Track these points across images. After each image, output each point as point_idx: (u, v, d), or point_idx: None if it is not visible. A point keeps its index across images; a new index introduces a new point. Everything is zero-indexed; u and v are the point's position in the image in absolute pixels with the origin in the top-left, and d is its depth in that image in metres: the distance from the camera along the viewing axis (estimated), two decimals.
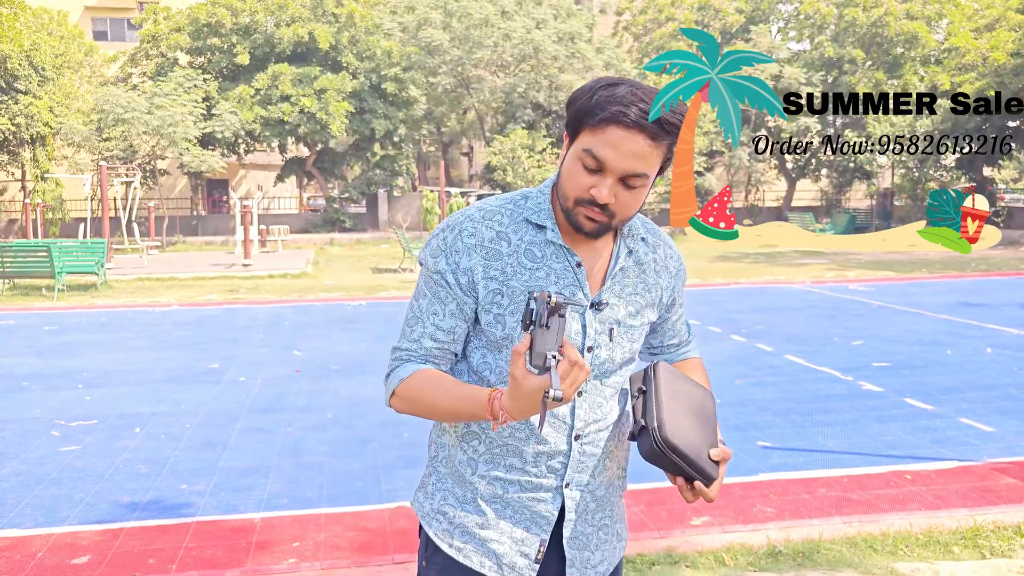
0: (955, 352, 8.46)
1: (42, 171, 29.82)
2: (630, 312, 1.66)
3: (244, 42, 31.72)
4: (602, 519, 1.71)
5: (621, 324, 1.64)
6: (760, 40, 33.98)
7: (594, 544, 1.69)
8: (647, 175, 1.54)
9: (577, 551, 1.67)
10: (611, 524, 1.73)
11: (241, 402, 6.82)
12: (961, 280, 15.77)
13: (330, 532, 4.13)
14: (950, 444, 5.38)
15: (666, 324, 1.81)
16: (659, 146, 1.52)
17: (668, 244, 1.77)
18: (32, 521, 4.31)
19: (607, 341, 1.63)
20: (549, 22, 32.53)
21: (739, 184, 36.62)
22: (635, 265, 1.68)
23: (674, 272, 1.75)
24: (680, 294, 1.79)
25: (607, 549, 1.73)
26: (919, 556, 3.77)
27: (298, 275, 17.86)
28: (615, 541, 1.75)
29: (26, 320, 11.84)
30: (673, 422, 1.55)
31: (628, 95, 1.50)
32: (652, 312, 1.71)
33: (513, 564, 1.64)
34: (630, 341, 1.67)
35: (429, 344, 1.64)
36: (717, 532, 4.05)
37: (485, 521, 1.65)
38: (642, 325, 1.69)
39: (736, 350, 8.71)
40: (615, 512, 1.75)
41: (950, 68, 29.27)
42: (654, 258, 1.72)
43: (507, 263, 1.60)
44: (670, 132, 1.53)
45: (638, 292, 1.68)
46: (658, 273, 1.72)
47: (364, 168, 34.80)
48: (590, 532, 1.68)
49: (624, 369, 1.69)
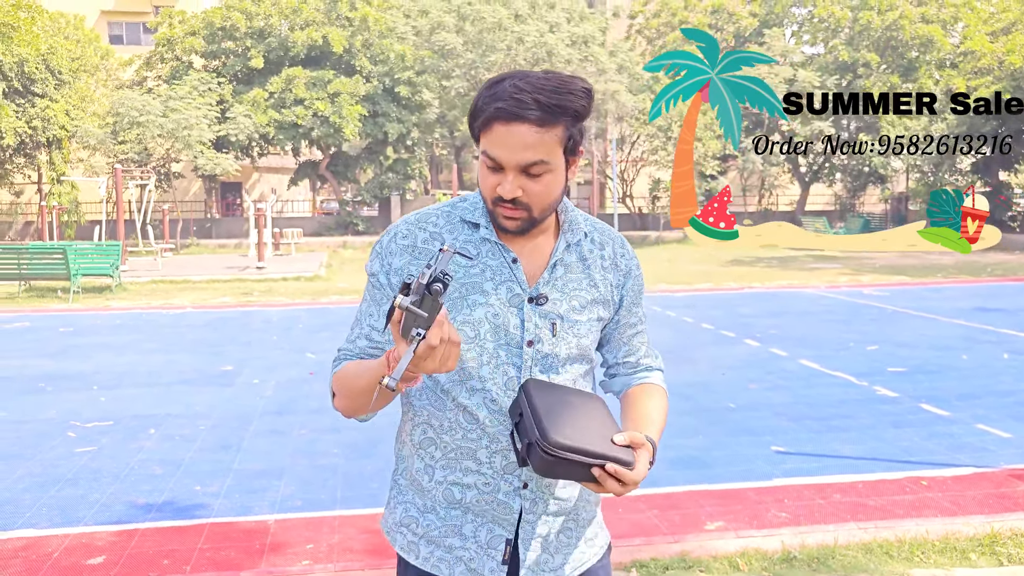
0: (971, 357, 8.40)
1: (58, 174, 30.04)
2: (574, 307, 1.64)
3: (258, 46, 31.88)
4: (565, 522, 1.67)
5: (564, 319, 1.63)
6: (774, 44, 33.87)
7: (554, 547, 1.66)
8: (545, 161, 1.52)
9: (533, 552, 1.64)
10: (575, 528, 1.69)
11: (255, 404, 6.84)
12: (977, 285, 15.67)
13: (343, 534, 4.13)
14: (966, 450, 5.34)
15: (619, 333, 1.76)
16: (549, 130, 1.50)
17: (620, 243, 1.75)
18: (48, 521, 4.34)
19: (549, 336, 1.62)
20: (562, 26, 32.54)
21: (752, 188, 36.53)
22: (578, 260, 1.68)
23: (625, 271, 1.73)
24: (634, 301, 1.75)
25: (571, 552, 1.68)
26: (935, 563, 3.74)
27: (311, 278, 17.91)
28: (584, 546, 1.70)
29: (42, 322, 11.92)
30: (556, 426, 1.48)
31: (507, 89, 1.49)
32: (603, 309, 1.69)
33: (481, 568, 1.63)
34: (576, 336, 1.64)
35: (363, 344, 1.68)
36: (731, 537, 4.03)
37: (448, 528, 1.64)
38: (590, 320, 1.66)
39: (750, 354, 8.68)
40: (582, 516, 1.70)
41: (966, 72, 29.11)
42: (601, 254, 1.71)
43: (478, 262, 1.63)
44: (556, 114, 1.50)
45: (583, 288, 1.66)
46: (605, 269, 1.70)
47: (377, 171, 34.88)
48: (550, 534, 1.65)
49: (574, 366, 1.66)
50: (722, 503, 4.47)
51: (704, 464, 5.12)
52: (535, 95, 1.48)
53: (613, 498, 4.52)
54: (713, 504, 4.45)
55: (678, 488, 4.68)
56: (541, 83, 1.50)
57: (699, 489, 4.68)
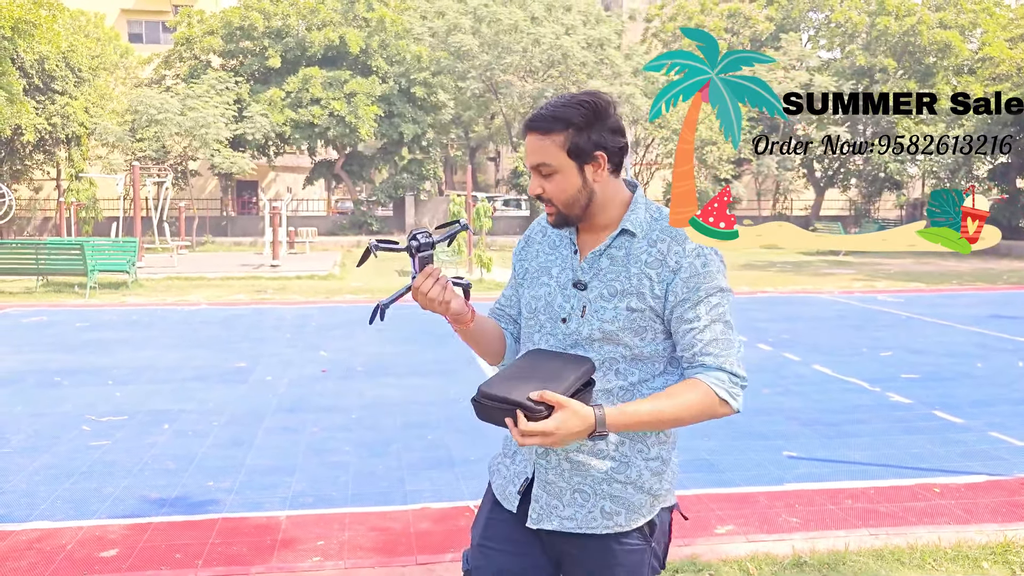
0: (985, 365, 8.35)
1: (76, 170, 30.27)
2: (603, 294, 1.88)
3: (276, 45, 32.03)
4: (580, 483, 1.89)
5: (592, 304, 1.89)
6: (790, 48, 33.75)
7: (567, 500, 1.90)
8: (548, 163, 1.85)
9: (544, 494, 1.92)
10: (592, 494, 1.89)
11: (267, 401, 6.88)
12: (992, 292, 15.56)
13: (354, 531, 4.15)
14: (980, 458, 5.31)
15: (676, 328, 1.88)
16: (550, 137, 1.84)
17: (678, 242, 1.87)
18: (63, 514, 4.38)
19: (578, 316, 1.90)
20: (578, 28, 32.54)
21: (767, 193, 36.39)
22: (624, 255, 1.90)
23: (673, 268, 1.86)
24: (688, 299, 1.85)
25: (579, 510, 1.89)
26: (947, 570, 3.72)
27: (325, 277, 17.97)
28: (598, 514, 1.89)
29: (59, 316, 12.02)
30: (494, 380, 1.77)
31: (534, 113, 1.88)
32: (636, 301, 1.86)
33: (506, 494, 2.00)
34: (601, 321, 1.87)
35: (496, 306, 2.18)
36: (741, 541, 4.03)
37: (500, 462, 2.06)
38: (616, 308, 1.86)
39: (763, 359, 8.65)
40: (602, 489, 1.89)
41: (983, 78, 28.91)
42: (649, 250, 1.89)
43: (534, 251, 2.06)
44: (553, 123, 1.83)
45: (618, 279, 1.88)
46: (648, 265, 1.87)
47: (392, 172, 34.98)
48: (563, 487, 1.90)
49: (599, 346, 1.88)
50: (733, 507, 4.46)
51: (715, 468, 5.11)
52: (543, 110, 1.85)
53: None
54: (724, 508, 4.45)
55: (689, 491, 4.68)
56: (555, 100, 1.87)
57: (710, 493, 4.68)
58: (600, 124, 1.85)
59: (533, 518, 1.93)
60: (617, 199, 1.94)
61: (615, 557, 1.91)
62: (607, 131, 1.86)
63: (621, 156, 1.93)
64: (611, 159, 1.89)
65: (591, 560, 1.92)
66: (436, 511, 4.41)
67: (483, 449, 5.49)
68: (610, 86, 31.18)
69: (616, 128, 1.90)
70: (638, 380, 1.89)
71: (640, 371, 1.89)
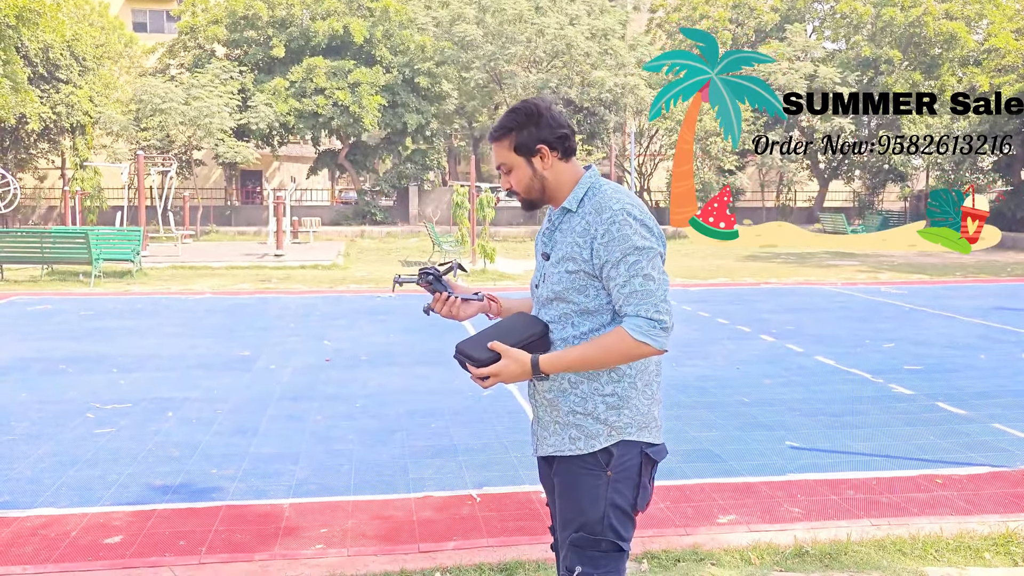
0: (988, 357, 8.34)
1: (81, 159, 30.29)
2: (554, 261, 2.30)
3: (280, 35, 31.97)
4: (556, 416, 2.32)
5: (548, 270, 2.32)
6: (795, 39, 33.58)
7: (550, 430, 2.35)
8: (506, 163, 2.33)
9: (539, 427, 2.40)
10: (563, 424, 2.31)
11: (271, 390, 6.90)
12: (996, 284, 15.54)
13: (357, 519, 4.17)
14: (982, 449, 5.31)
15: (607, 288, 2.24)
16: (502, 142, 2.31)
17: (597, 212, 2.23)
18: (67, 501, 4.40)
19: (542, 281, 2.35)
20: (582, 18, 32.41)
21: (771, 184, 36.28)
22: (567, 227, 2.29)
23: (592, 236, 2.21)
24: (607, 261, 2.19)
25: (556, 438, 2.33)
26: (949, 561, 3.73)
27: (329, 266, 17.99)
28: (566, 440, 2.30)
29: (63, 305, 12.05)
30: (466, 340, 2.29)
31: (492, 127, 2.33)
32: (572, 264, 2.24)
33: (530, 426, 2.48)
34: (552, 284, 2.30)
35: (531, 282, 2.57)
36: (743, 531, 4.04)
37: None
38: (559, 272, 2.27)
39: (766, 350, 8.66)
40: (568, 419, 2.30)
41: (989, 69, 28.79)
42: (581, 223, 2.25)
43: (540, 232, 2.43)
44: (501, 131, 2.30)
45: (561, 247, 2.29)
46: (578, 234, 2.25)
47: (396, 162, 34.93)
48: (547, 420, 2.35)
49: (554, 305, 2.30)
50: (735, 497, 4.47)
51: (718, 458, 5.12)
52: (497, 123, 2.33)
53: None
54: (726, 498, 4.46)
55: (691, 481, 4.69)
56: (504, 113, 2.33)
57: (712, 482, 4.69)
58: (534, 124, 2.27)
59: (534, 447, 2.44)
60: (569, 181, 2.33)
61: (576, 476, 2.29)
62: (543, 128, 2.27)
63: (564, 143, 2.30)
64: (555, 148, 2.30)
65: (562, 477, 2.33)
66: (439, 499, 4.43)
67: (486, 438, 5.50)
68: (614, 76, 31.08)
69: (553, 123, 2.28)
70: (588, 330, 2.27)
71: (589, 322, 2.27)
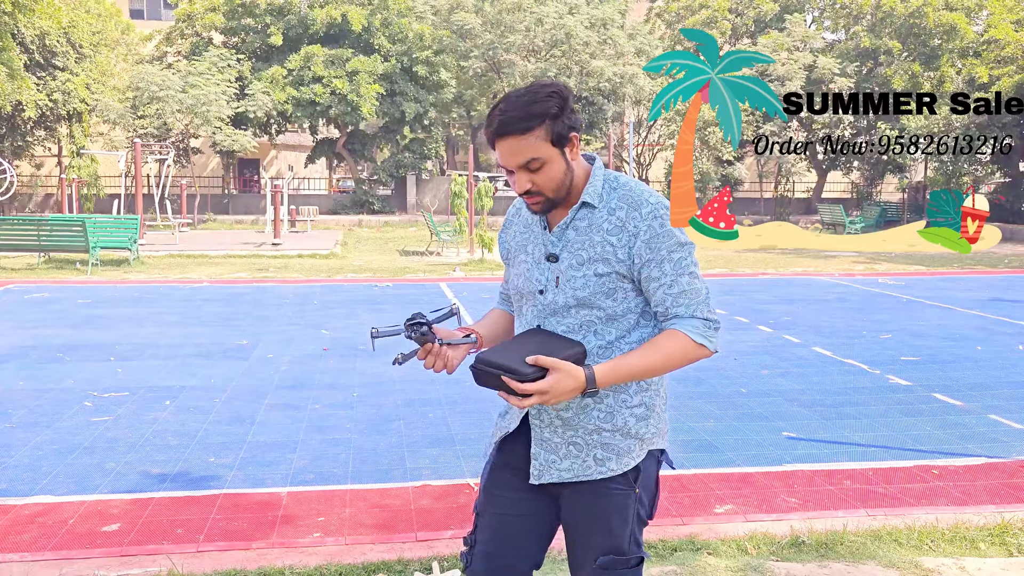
0: (986, 348, 8.35)
1: (78, 147, 30.22)
2: (573, 264, 2.03)
3: (278, 23, 31.85)
4: (573, 437, 2.07)
5: (564, 274, 2.04)
6: (795, 29, 33.49)
7: (562, 453, 2.08)
8: (536, 158, 1.95)
9: (542, 451, 2.10)
10: (584, 445, 2.06)
11: (269, 378, 6.90)
12: (994, 276, 15.55)
13: (355, 508, 4.17)
14: (979, 440, 5.32)
15: (646, 287, 2.04)
16: (530, 134, 1.93)
17: (634, 208, 2.01)
18: (65, 488, 4.40)
19: (553, 287, 2.06)
20: (582, 8, 32.32)
21: (769, 175, 36.24)
22: (587, 224, 2.04)
23: (632, 232, 2.00)
24: (651, 259, 1.99)
25: (575, 461, 2.07)
26: (945, 551, 3.74)
27: (326, 255, 17.97)
28: (591, 462, 2.06)
29: (61, 293, 12.03)
30: (491, 351, 1.98)
31: (495, 114, 1.95)
32: (602, 266, 2.01)
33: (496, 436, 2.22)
34: (573, 289, 2.03)
35: (501, 289, 2.40)
36: (740, 521, 4.05)
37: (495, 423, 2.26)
38: (586, 276, 2.02)
39: (763, 340, 8.67)
40: (592, 439, 2.06)
41: (989, 61, 28.71)
42: (609, 219, 2.02)
43: (513, 232, 2.21)
44: (530, 121, 1.92)
45: (584, 247, 2.03)
46: (609, 232, 2.01)
47: (393, 151, 34.89)
48: (558, 442, 2.08)
49: (575, 311, 2.04)
50: (732, 487, 4.48)
51: (715, 448, 5.13)
52: (512, 113, 1.92)
53: None
54: (723, 488, 4.47)
55: (688, 471, 4.70)
56: (516, 100, 1.94)
57: (709, 472, 4.70)
58: (568, 107, 1.97)
59: (534, 475, 2.11)
60: (585, 171, 2.08)
61: (604, 500, 2.08)
62: (571, 112, 1.98)
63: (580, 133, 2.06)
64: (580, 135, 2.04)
65: (583, 504, 2.10)
66: (436, 488, 4.44)
67: (484, 427, 5.51)
68: (613, 66, 31.01)
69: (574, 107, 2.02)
70: (615, 338, 2.05)
71: (616, 329, 2.05)
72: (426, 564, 3.57)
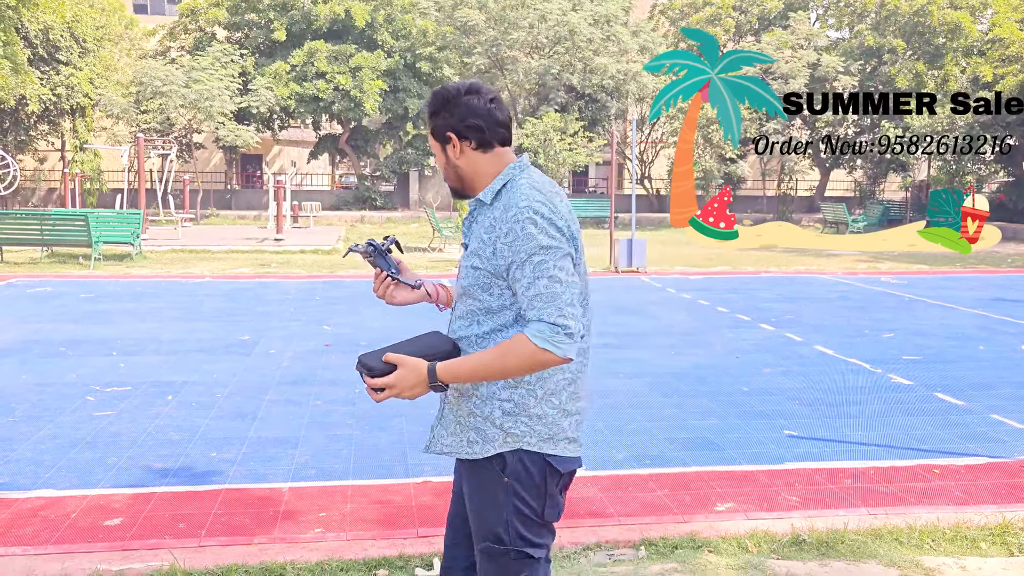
0: (988, 348, 8.35)
1: (81, 142, 30.20)
2: (466, 255, 2.22)
3: (281, 18, 31.82)
4: (458, 416, 2.23)
5: (461, 263, 2.24)
6: (799, 27, 33.41)
7: (450, 429, 2.25)
8: (430, 146, 2.27)
9: (438, 425, 2.30)
10: (463, 426, 2.21)
11: (271, 374, 6.91)
12: (996, 275, 15.53)
13: (356, 504, 4.18)
14: (980, 440, 5.32)
15: (513, 289, 2.11)
16: (429, 124, 2.20)
17: (506, 209, 2.10)
18: (67, 482, 4.41)
19: (459, 273, 2.26)
20: (585, 4, 32.24)
21: (772, 173, 36.19)
22: (478, 221, 2.20)
23: (499, 232, 2.10)
24: (512, 261, 2.07)
25: (455, 438, 2.24)
26: (946, 551, 3.74)
27: (329, 251, 17.98)
28: (465, 442, 2.21)
29: (63, 287, 12.05)
30: (372, 352, 2.17)
31: None
32: (477, 260, 2.15)
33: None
34: (463, 278, 2.21)
35: None
36: (741, 519, 4.05)
37: None
38: (467, 268, 2.19)
39: (765, 339, 8.67)
40: (469, 422, 2.20)
41: (993, 60, 28.64)
42: (489, 216, 2.15)
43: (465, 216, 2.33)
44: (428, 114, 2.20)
45: (472, 241, 2.20)
46: (485, 229, 2.14)
47: (396, 147, 34.85)
48: (450, 419, 2.25)
49: (463, 299, 2.22)
50: (733, 485, 4.49)
51: (716, 446, 5.13)
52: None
53: (624, 476, 4.55)
54: (724, 485, 4.47)
55: (689, 468, 4.71)
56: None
57: (711, 470, 4.70)
58: (447, 110, 2.14)
59: (427, 444, 2.33)
60: (489, 172, 2.18)
61: (478, 481, 2.21)
62: (454, 115, 2.13)
63: (480, 135, 2.15)
64: (465, 138, 2.15)
65: (468, 482, 2.26)
66: (438, 484, 4.44)
67: None
68: (616, 63, 30.96)
69: (466, 111, 2.13)
70: (490, 330, 2.16)
71: (492, 322, 2.16)
72: (427, 560, 3.58)
